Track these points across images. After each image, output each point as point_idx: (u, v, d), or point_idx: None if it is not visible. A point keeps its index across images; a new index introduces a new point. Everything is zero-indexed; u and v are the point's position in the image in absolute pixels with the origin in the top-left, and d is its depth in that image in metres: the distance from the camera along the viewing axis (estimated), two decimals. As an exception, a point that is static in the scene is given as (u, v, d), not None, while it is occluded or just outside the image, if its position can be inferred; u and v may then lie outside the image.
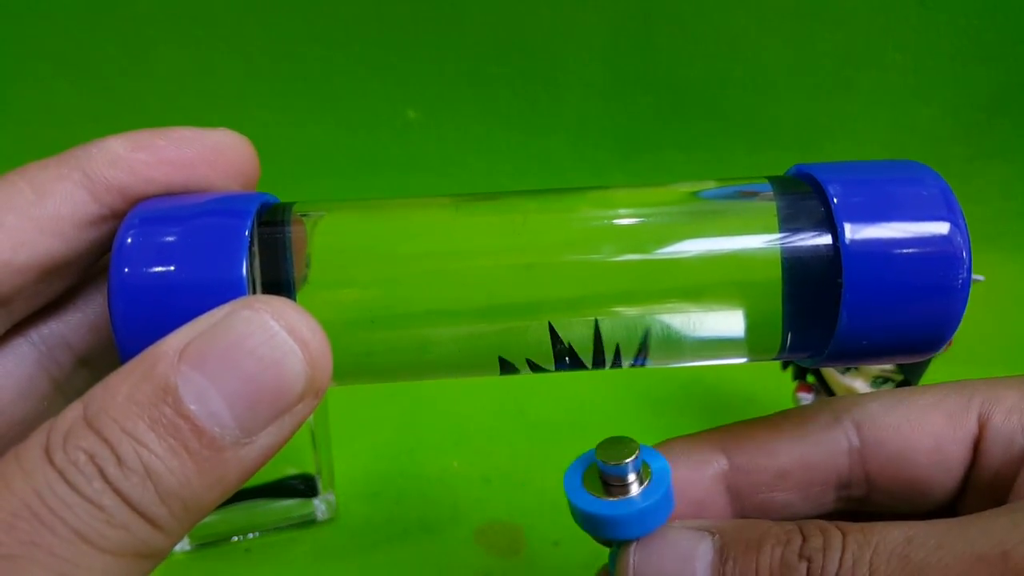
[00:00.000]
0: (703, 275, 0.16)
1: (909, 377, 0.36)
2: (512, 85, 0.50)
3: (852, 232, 0.15)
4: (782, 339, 0.17)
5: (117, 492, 0.12)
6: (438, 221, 0.18)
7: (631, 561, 0.19)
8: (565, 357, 0.17)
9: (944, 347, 0.17)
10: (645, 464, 0.19)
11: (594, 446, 0.19)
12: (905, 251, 0.15)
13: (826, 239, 0.16)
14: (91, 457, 0.12)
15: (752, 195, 0.17)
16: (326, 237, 0.17)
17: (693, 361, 0.18)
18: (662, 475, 0.19)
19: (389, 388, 0.44)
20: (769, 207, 0.17)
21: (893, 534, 0.16)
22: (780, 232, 0.16)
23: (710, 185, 0.17)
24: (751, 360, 0.18)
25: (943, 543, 0.16)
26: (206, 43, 0.48)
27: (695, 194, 0.17)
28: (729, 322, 0.17)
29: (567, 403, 0.43)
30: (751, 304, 0.17)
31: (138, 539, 0.13)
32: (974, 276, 0.16)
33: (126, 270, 0.15)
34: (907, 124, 0.51)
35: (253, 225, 0.16)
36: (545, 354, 0.17)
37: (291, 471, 0.35)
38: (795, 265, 0.16)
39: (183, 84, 0.49)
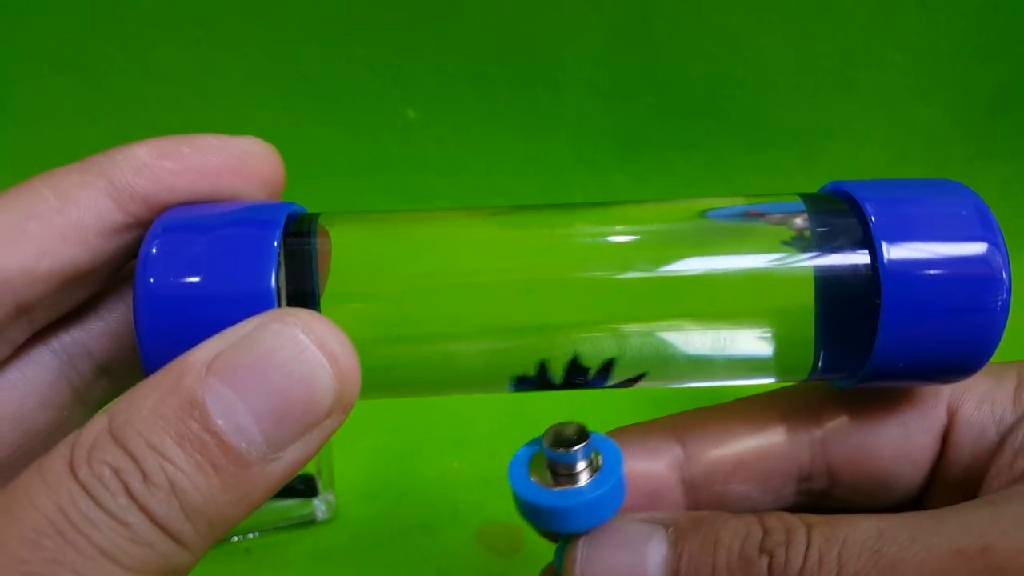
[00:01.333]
0: (734, 295, 0.16)
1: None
2: (512, 85, 0.50)
3: (890, 252, 0.15)
4: (814, 360, 0.16)
5: (142, 508, 0.12)
6: (460, 236, 0.17)
7: (579, 556, 0.18)
8: (585, 377, 0.17)
9: (979, 369, 0.16)
10: (596, 452, 0.18)
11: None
12: (944, 272, 0.15)
13: (863, 258, 0.15)
14: (116, 472, 0.12)
15: (786, 217, 0.17)
16: (350, 250, 0.17)
17: (721, 381, 0.17)
18: (613, 464, 0.18)
19: (389, 388, 0.44)
20: (802, 234, 0.16)
21: (863, 527, 0.15)
22: (814, 251, 0.16)
23: (740, 202, 0.17)
24: (780, 381, 0.17)
25: (917, 536, 0.15)
26: (206, 43, 0.48)
27: (723, 211, 0.17)
28: (760, 343, 0.16)
29: (567, 403, 0.43)
30: (783, 325, 0.16)
31: (162, 556, 0.12)
32: None
33: (152, 280, 0.15)
34: (907, 124, 0.51)
35: (281, 236, 0.15)
36: (565, 372, 0.17)
37: (291, 471, 0.35)
38: (829, 285, 0.16)
39: (183, 84, 0.49)
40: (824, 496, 0.20)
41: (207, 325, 0.14)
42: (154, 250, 0.15)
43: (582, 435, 0.17)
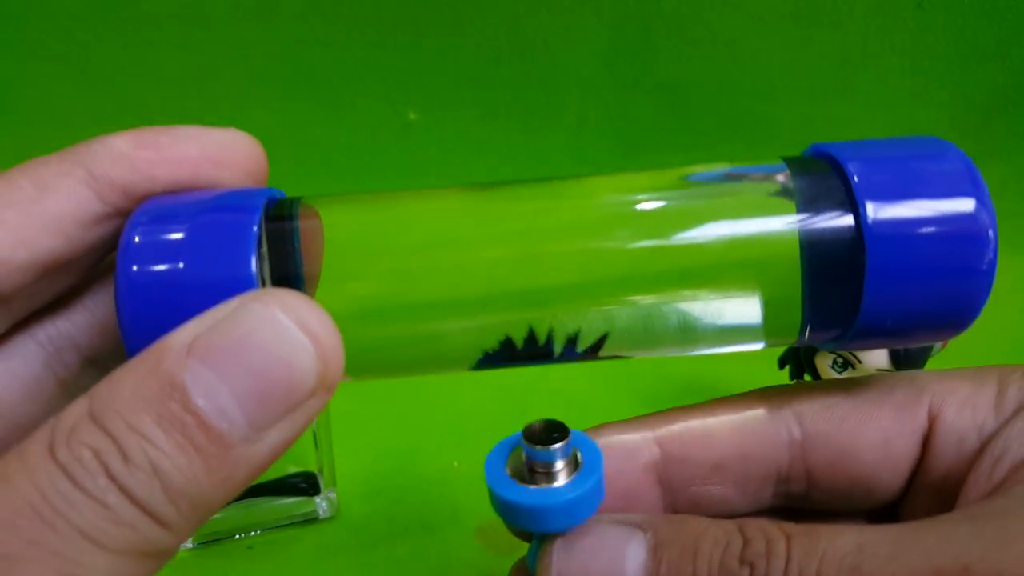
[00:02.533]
0: (719, 259, 0.16)
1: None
2: (512, 85, 0.50)
3: (875, 211, 0.15)
4: (801, 323, 0.16)
5: (122, 489, 0.12)
6: (447, 211, 0.17)
7: (554, 559, 0.17)
8: (574, 346, 0.17)
9: (967, 327, 0.16)
10: (576, 450, 0.17)
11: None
12: (930, 230, 0.15)
13: (848, 219, 0.15)
14: (96, 453, 0.12)
15: (767, 176, 0.16)
16: (335, 230, 0.17)
17: (710, 348, 0.17)
18: (593, 463, 0.17)
19: (390, 387, 0.44)
20: (786, 187, 0.16)
21: (842, 541, 0.15)
22: (798, 213, 0.16)
23: (723, 167, 0.17)
24: (769, 345, 0.17)
25: (897, 553, 0.14)
26: (207, 43, 0.48)
27: (705, 174, 0.17)
28: (747, 307, 0.16)
29: (567, 403, 0.43)
30: (769, 288, 0.16)
31: (144, 538, 0.12)
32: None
33: (133, 268, 0.15)
34: (905, 125, 0.51)
35: (261, 220, 0.15)
36: (555, 341, 0.16)
37: (293, 469, 0.36)
38: (815, 246, 0.16)
39: (183, 84, 0.49)
40: (803, 499, 0.19)
41: (189, 312, 0.13)
42: (135, 238, 0.15)
43: (562, 432, 0.17)
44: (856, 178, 0.15)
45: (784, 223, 0.16)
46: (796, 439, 0.19)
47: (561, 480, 0.17)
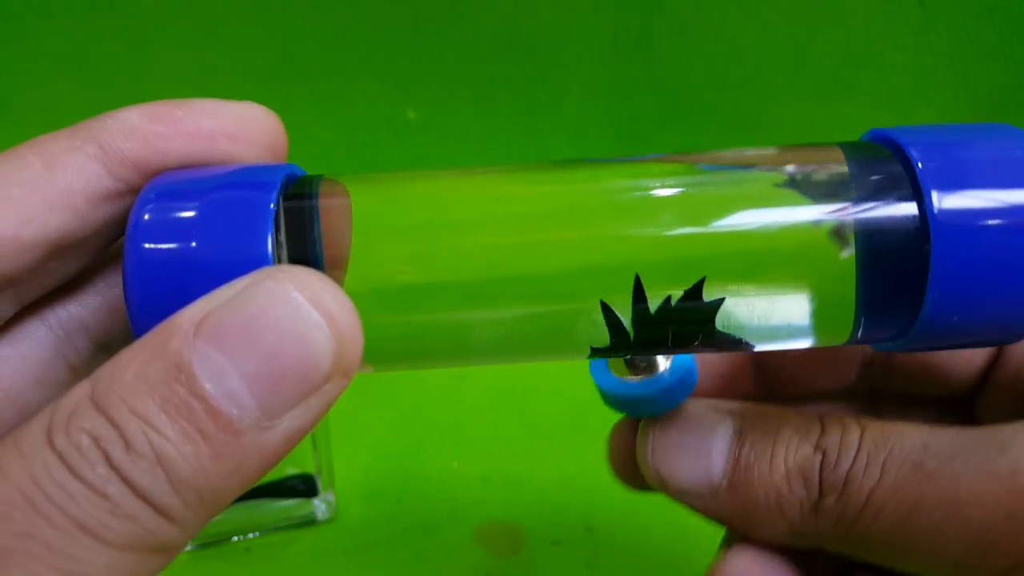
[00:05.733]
0: (766, 250, 0.15)
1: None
2: (512, 83, 0.50)
3: (940, 200, 0.14)
4: (855, 321, 0.15)
5: (123, 479, 0.11)
6: (477, 191, 0.16)
7: (651, 437, 0.19)
8: (619, 337, 0.15)
9: None
10: None
11: (593, 445, 0.19)
12: (999, 221, 0.14)
13: (910, 208, 0.14)
14: (96, 440, 0.11)
15: (822, 162, 0.15)
16: (360, 209, 0.16)
17: (757, 345, 0.16)
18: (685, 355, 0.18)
19: (389, 387, 0.44)
20: (841, 173, 0.15)
21: (911, 439, 0.16)
22: (854, 201, 0.15)
23: (771, 151, 0.16)
24: (819, 344, 0.16)
25: (959, 454, 0.16)
26: (206, 43, 0.48)
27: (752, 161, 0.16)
28: (795, 303, 0.15)
29: (567, 403, 0.43)
30: (820, 282, 0.15)
31: (147, 531, 0.12)
32: None
33: (142, 246, 0.14)
34: (907, 123, 0.51)
35: (279, 198, 0.14)
36: (599, 333, 0.16)
37: (291, 471, 0.35)
38: (872, 238, 0.14)
39: (183, 84, 0.49)
40: (884, 381, 0.21)
41: (199, 291, 0.13)
42: (145, 216, 0.14)
43: None
44: (920, 164, 0.14)
45: (838, 212, 0.15)
46: None
47: (660, 368, 0.18)
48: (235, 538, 0.35)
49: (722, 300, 0.15)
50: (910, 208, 0.14)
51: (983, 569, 0.16)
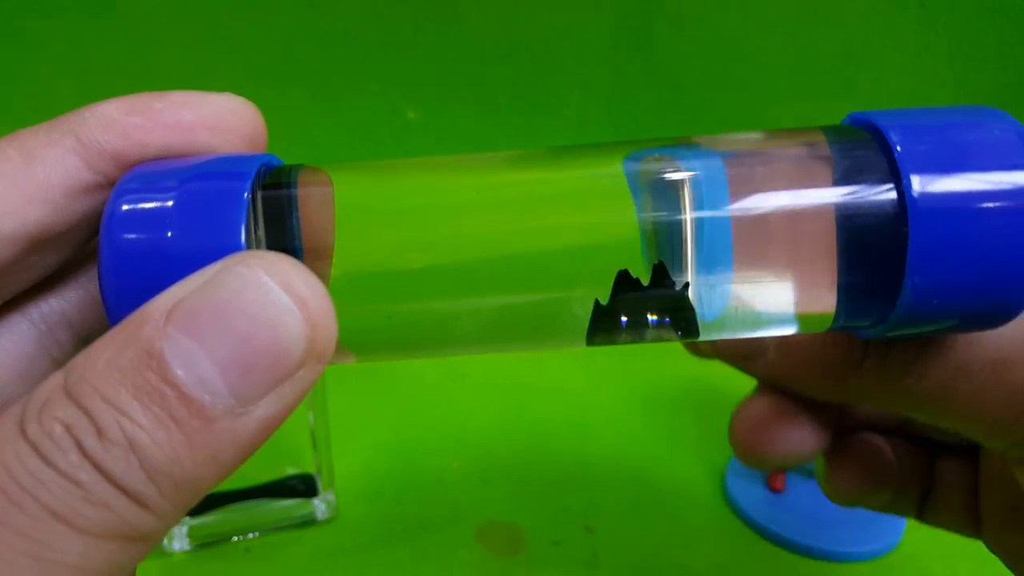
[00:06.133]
0: (747, 234, 0.15)
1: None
2: (512, 83, 0.50)
3: (918, 183, 0.14)
4: (836, 306, 0.15)
5: (96, 466, 0.11)
6: (461, 179, 0.16)
7: None
8: (606, 324, 0.15)
9: (1020, 311, 0.15)
10: None
11: (594, 445, 0.19)
12: (980, 204, 0.14)
13: (889, 192, 0.14)
14: (68, 428, 0.11)
15: (805, 144, 0.15)
16: (342, 197, 0.16)
17: (737, 333, 0.16)
18: None
19: (390, 387, 0.44)
20: (822, 156, 0.15)
21: None
22: (834, 185, 0.15)
23: (755, 134, 0.16)
24: (801, 331, 0.16)
25: None
26: (206, 43, 0.48)
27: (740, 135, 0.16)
28: (776, 289, 0.15)
29: (567, 403, 0.43)
30: (800, 267, 0.15)
31: (122, 519, 0.12)
32: None
33: (116, 235, 0.14)
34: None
35: (254, 188, 0.14)
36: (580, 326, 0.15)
37: (291, 471, 0.35)
38: (852, 222, 0.14)
39: (183, 84, 0.49)
40: None
41: (174, 281, 0.13)
42: (121, 206, 0.14)
43: None
44: (899, 147, 0.14)
45: (818, 196, 0.15)
46: None
47: None
48: (235, 538, 0.35)
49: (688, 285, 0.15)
50: (889, 191, 0.14)
51: (1021, 425, 0.17)
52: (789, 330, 0.16)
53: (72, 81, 0.49)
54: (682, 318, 0.16)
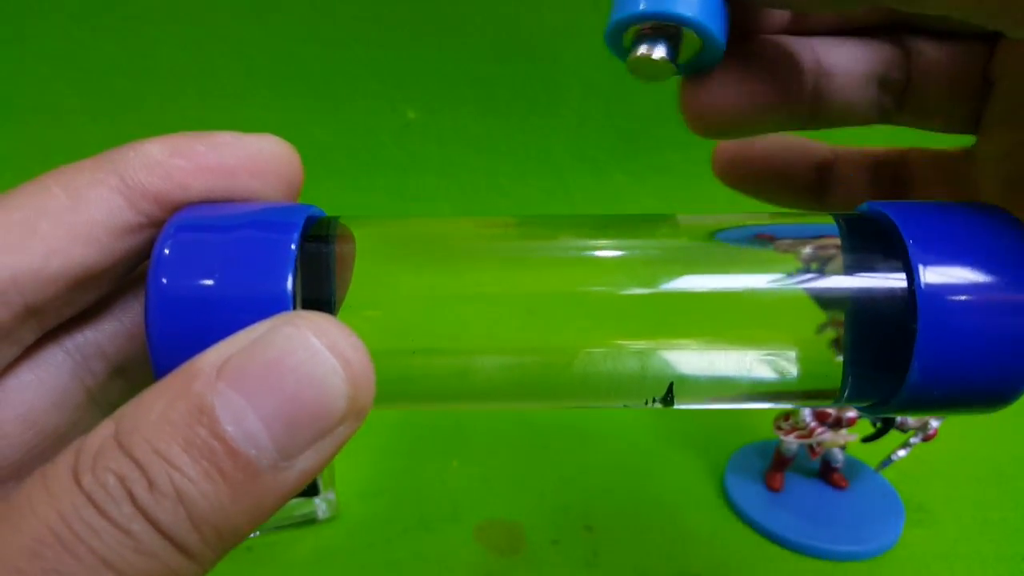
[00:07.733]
0: (759, 315, 0.16)
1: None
2: (512, 83, 0.50)
3: (928, 275, 0.15)
4: (842, 386, 0.16)
5: (147, 517, 0.12)
6: (484, 247, 0.17)
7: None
8: (615, 395, 0.16)
9: (1013, 401, 0.16)
10: None
11: (594, 445, 0.19)
12: (984, 298, 0.15)
13: (900, 281, 0.15)
14: (121, 479, 0.12)
15: (818, 234, 0.16)
16: (367, 257, 0.16)
17: (739, 404, 0.17)
18: None
19: (389, 388, 0.44)
20: (833, 246, 0.16)
21: None
22: (845, 273, 0.15)
23: (765, 220, 0.17)
24: (807, 406, 0.17)
25: None
26: (206, 43, 0.48)
27: (738, 231, 0.17)
28: (786, 367, 0.16)
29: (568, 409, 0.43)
30: (810, 349, 0.16)
31: (167, 567, 0.12)
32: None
33: (164, 281, 0.14)
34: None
35: (300, 240, 0.15)
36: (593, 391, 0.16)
37: (291, 470, 0.36)
38: (862, 308, 0.15)
39: (183, 84, 0.49)
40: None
41: (220, 329, 0.13)
42: (167, 250, 0.14)
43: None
44: (911, 241, 0.15)
45: (830, 283, 0.15)
46: None
47: None
48: (236, 537, 0.35)
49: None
50: (899, 283, 0.15)
51: None
52: (795, 404, 0.17)
53: (72, 81, 0.49)
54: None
